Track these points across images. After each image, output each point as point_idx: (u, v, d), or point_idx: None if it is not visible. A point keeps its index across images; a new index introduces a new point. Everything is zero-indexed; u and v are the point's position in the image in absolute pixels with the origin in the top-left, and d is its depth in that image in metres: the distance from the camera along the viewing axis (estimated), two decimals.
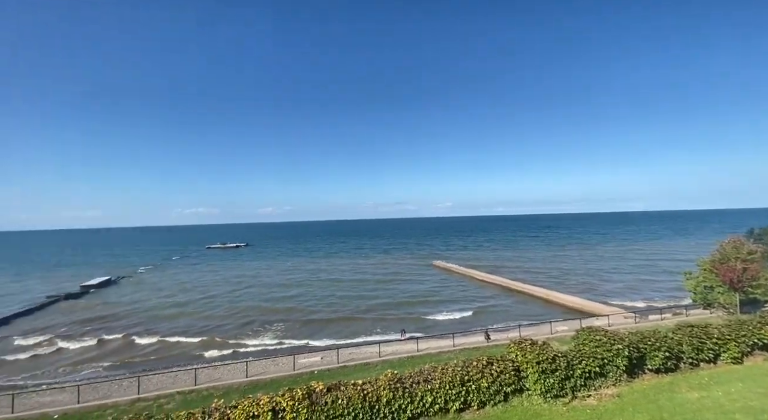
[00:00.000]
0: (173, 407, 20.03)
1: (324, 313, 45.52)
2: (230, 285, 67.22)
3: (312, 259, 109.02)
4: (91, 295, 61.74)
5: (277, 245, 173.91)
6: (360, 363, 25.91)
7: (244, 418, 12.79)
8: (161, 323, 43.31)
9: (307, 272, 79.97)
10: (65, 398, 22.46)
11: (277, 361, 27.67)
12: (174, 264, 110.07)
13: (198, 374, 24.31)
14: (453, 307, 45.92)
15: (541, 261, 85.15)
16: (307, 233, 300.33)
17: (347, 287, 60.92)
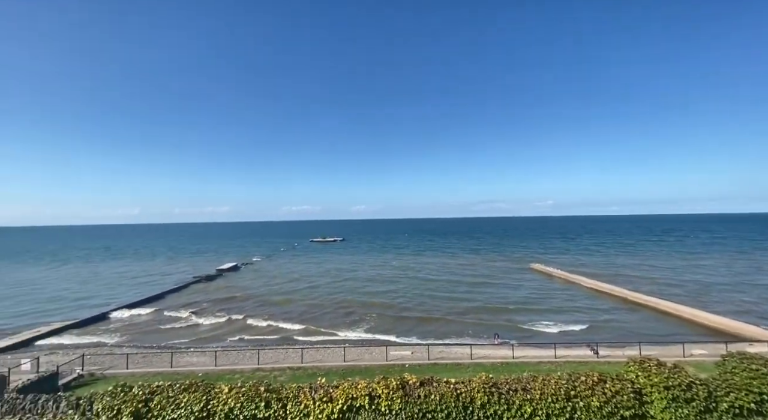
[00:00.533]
0: (285, 379, 22.81)
1: (415, 311, 45.90)
2: (330, 276, 73.23)
3: (401, 256, 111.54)
4: (222, 278, 74.44)
5: (368, 241, 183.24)
6: (451, 362, 25.59)
7: (344, 398, 13.80)
8: (273, 307, 49.68)
9: (396, 269, 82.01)
10: (205, 361, 27.53)
11: (371, 351, 29.16)
12: (284, 254, 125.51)
13: (304, 354, 27.19)
14: (556, 317, 41.43)
15: (671, 270, 71.16)
16: (396, 230, 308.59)
17: (436, 287, 60.43)
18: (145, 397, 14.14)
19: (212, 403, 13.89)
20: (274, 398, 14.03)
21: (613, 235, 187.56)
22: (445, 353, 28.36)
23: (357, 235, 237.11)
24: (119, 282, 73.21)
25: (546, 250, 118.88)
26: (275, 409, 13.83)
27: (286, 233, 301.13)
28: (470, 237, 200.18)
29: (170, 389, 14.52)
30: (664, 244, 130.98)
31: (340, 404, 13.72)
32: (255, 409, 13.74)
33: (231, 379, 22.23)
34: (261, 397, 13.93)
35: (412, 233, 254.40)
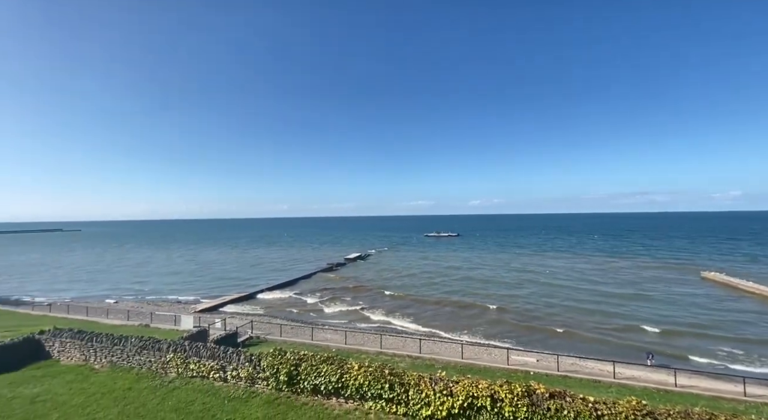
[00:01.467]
0: (405, 366, 23.97)
1: (540, 320, 41.43)
2: (445, 274, 73.19)
3: (522, 255, 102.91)
4: (348, 267, 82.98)
5: (485, 237, 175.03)
6: (586, 378, 22.50)
7: (464, 395, 13.73)
8: (390, 298, 52.69)
9: (517, 271, 75.82)
10: (337, 338, 31.20)
11: (490, 352, 28.06)
12: (401, 247, 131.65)
13: (422, 345, 28.08)
14: (747, 345, 31.66)
15: None
16: (516, 227, 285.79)
17: (567, 295, 53.32)
18: (295, 362, 17.01)
19: (345, 377, 15.73)
20: (398, 382, 14.97)
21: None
22: (579, 367, 25.10)
23: (472, 231, 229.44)
24: (274, 265, 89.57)
25: (725, 255, 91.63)
26: (398, 393, 14.75)
27: (401, 227, 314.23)
28: (612, 236, 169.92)
29: (313, 359, 17.07)
30: None
31: (460, 400, 13.70)
32: (381, 389, 14.95)
33: (358, 358, 24.58)
34: (386, 379, 15.06)
35: (537, 230, 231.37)
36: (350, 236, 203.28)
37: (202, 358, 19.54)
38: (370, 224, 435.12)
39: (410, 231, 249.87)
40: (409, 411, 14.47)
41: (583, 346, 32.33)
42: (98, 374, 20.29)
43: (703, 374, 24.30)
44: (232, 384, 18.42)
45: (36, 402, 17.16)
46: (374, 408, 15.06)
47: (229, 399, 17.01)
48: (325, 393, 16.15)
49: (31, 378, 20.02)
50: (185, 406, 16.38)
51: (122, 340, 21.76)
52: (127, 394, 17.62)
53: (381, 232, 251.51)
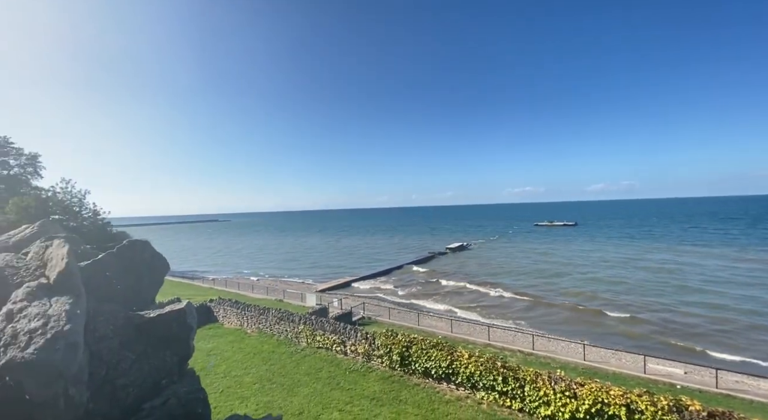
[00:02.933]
0: (516, 361, 22.90)
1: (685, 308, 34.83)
2: (557, 270, 66.30)
3: (657, 250, 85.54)
4: (451, 256, 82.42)
5: (609, 227, 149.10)
6: (759, 400, 17.88)
7: (591, 400, 12.49)
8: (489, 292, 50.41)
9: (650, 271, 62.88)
10: (442, 326, 31.54)
11: (620, 356, 24.60)
12: (506, 238, 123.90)
13: (534, 340, 26.33)
14: None
15: None
16: (651, 214, 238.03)
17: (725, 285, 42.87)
18: (406, 344, 18.01)
19: (456, 364, 15.97)
20: (512, 376, 14.50)
21: None
22: (748, 386, 20.03)
23: (594, 220, 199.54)
24: (378, 253, 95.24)
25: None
26: (513, 387, 14.30)
27: (509, 216, 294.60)
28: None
29: (423, 343, 17.78)
30: None
31: (586, 405, 12.53)
32: (493, 381, 14.72)
33: (465, 347, 24.59)
34: (498, 372, 14.75)
35: (678, 218, 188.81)
36: (452, 225, 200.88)
37: (326, 332, 22.30)
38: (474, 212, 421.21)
39: (519, 220, 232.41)
40: (526, 407, 13.92)
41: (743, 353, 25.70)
42: (250, 337, 25.12)
43: None
44: (351, 358, 20.57)
45: (210, 354, 22.27)
46: (486, 399, 14.95)
47: (350, 371, 19.08)
48: (436, 377, 16.71)
49: (206, 336, 25.99)
50: (315, 372, 19.05)
51: (265, 311, 26.38)
52: (272, 356, 21.40)
53: (486, 220, 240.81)
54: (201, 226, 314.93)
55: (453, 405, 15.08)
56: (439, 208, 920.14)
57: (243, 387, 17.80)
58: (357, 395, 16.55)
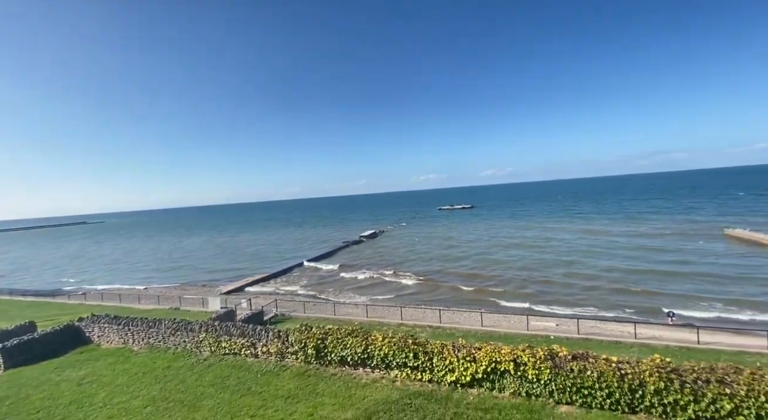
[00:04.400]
0: (426, 336, 24.48)
1: (557, 277, 42.39)
2: (460, 245, 73.57)
3: (539, 221, 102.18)
4: (364, 244, 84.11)
5: (499, 207, 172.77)
6: (607, 339, 22.71)
7: (487, 360, 14.10)
8: (406, 270, 53.46)
9: (537, 238, 75.11)
10: (358, 312, 32.10)
11: (509, 318, 28.47)
12: (415, 222, 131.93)
13: (441, 315, 28.66)
14: (761, 292, 31.56)
15: None
16: (529, 195, 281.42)
17: (584, 258, 53.53)
18: (321, 336, 17.67)
19: (370, 348, 16.30)
20: (421, 351, 15.44)
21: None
22: (599, 329, 25.28)
23: (487, 202, 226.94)
24: (292, 244, 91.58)
25: (748, 211, 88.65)
26: (423, 361, 15.25)
27: (415, 202, 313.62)
28: (630, 198, 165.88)
29: (338, 332, 17.68)
30: None
31: (484, 365, 14.09)
32: (405, 358, 15.47)
33: (380, 330, 25.41)
34: (410, 349, 15.55)
35: (550, 198, 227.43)
36: (364, 214, 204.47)
37: (233, 336, 20.49)
38: (386, 200, 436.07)
39: (425, 205, 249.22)
40: (434, 377, 15.01)
41: (602, 309, 32.65)
42: (138, 355, 21.60)
43: (727, 330, 24.21)
44: (263, 359, 19.36)
45: (83, 383, 18.47)
46: (400, 376, 15.67)
47: (262, 373, 17.94)
48: (352, 364, 16.84)
49: (76, 362, 21.48)
50: (221, 381, 17.38)
51: (156, 323, 22.94)
52: (167, 373, 18.77)
53: (394, 207, 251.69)
54: (65, 231, 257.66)
55: (369, 387, 15.43)
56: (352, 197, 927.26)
57: (130, 414, 15.23)
58: (270, 396, 15.67)
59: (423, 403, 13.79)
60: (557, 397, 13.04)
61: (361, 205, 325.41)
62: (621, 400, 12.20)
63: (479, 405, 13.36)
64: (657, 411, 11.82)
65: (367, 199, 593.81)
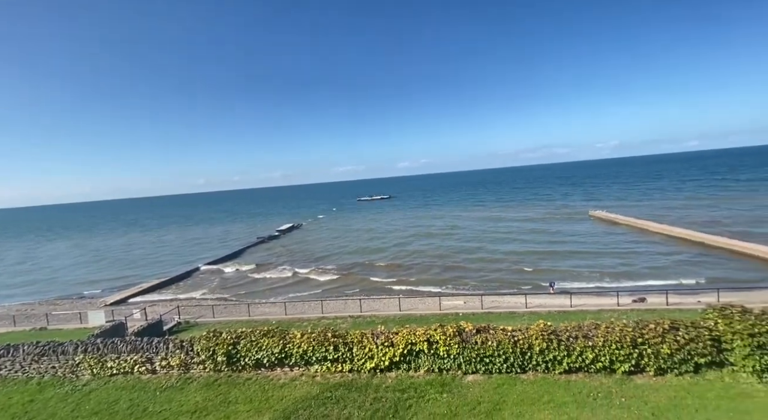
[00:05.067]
0: (347, 327, 24.80)
1: (464, 261, 46.66)
2: (379, 233, 75.62)
3: (449, 210, 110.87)
4: (282, 238, 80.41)
5: (414, 197, 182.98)
6: (505, 311, 25.85)
7: (404, 343, 14.79)
8: (328, 262, 53.02)
9: (444, 224, 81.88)
10: (276, 310, 30.71)
11: (425, 301, 30.40)
12: (335, 214, 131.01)
13: (362, 304, 29.14)
14: (619, 264, 39.59)
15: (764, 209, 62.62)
16: (442, 185, 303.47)
17: (484, 239, 60.09)
18: (233, 341, 16.35)
19: (288, 346, 15.69)
20: (341, 342, 15.44)
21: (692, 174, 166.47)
22: (498, 303, 28.67)
23: (403, 192, 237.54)
24: (195, 244, 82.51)
25: (608, 196, 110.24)
26: (343, 352, 15.28)
27: (335, 194, 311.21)
28: (521, 187, 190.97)
29: (252, 335, 16.57)
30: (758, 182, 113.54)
31: (401, 349, 14.75)
32: (325, 351, 15.30)
33: (300, 326, 24.69)
34: (330, 342, 15.40)
35: (462, 187, 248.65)
36: (280, 207, 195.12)
37: (122, 353, 17.67)
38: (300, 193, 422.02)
39: (345, 196, 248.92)
40: (355, 366, 15.18)
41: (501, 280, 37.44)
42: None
43: (591, 294, 29.75)
44: (163, 374, 17.15)
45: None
46: (320, 370, 15.45)
47: (162, 389, 15.90)
48: (269, 365, 16.01)
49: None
50: (108, 407, 14.89)
51: (11, 349, 18.44)
52: (30, 408, 15.32)
53: (313, 199, 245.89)
54: None
55: (287, 387, 14.89)
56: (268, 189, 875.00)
57: None
58: (173, 414, 13.98)
59: (343, 394, 13.86)
60: (465, 369, 14.38)
61: (277, 198, 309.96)
62: (514, 363, 14.03)
63: (397, 386, 13.98)
64: (541, 367, 13.92)
65: (283, 191, 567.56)
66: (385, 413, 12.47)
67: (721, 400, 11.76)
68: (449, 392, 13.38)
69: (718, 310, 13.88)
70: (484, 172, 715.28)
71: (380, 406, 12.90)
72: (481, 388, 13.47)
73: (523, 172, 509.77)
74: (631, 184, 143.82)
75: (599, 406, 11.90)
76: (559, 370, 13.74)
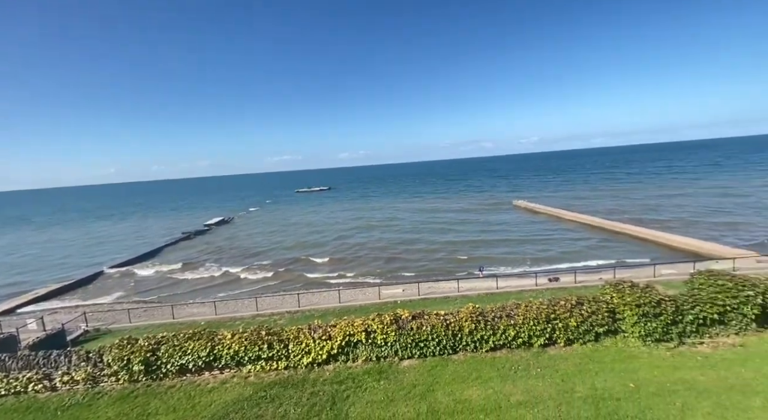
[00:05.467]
0: (284, 323, 24.04)
1: (403, 252, 48.00)
2: (318, 226, 74.20)
3: (388, 202, 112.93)
4: (211, 233, 74.65)
5: (354, 189, 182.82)
6: (440, 296, 27.22)
7: (342, 335, 14.75)
8: (263, 257, 50.71)
9: (384, 215, 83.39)
10: (205, 311, 28.58)
11: (364, 291, 30.67)
12: (270, 206, 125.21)
13: (300, 298, 28.41)
14: (537, 249, 44.03)
15: (653, 199, 74.25)
16: (382, 176, 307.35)
17: (421, 229, 62.55)
18: (152, 347, 14.80)
19: (217, 349, 14.67)
20: (276, 340, 14.88)
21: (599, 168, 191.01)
22: (434, 289, 30.06)
23: (343, 184, 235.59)
24: (107, 242, 72.79)
25: (530, 187, 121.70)
26: (278, 350, 14.74)
27: (270, 185, 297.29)
28: (455, 179, 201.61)
29: (175, 339, 15.18)
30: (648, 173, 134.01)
31: (338, 341, 14.69)
32: (259, 350, 14.61)
33: (232, 326, 23.31)
34: (263, 340, 14.75)
35: (400, 178, 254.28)
36: (212, 198, 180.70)
37: (12, 371, 15.02)
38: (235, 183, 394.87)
39: (281, 188, 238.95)
40: (291, 363, 14.76)
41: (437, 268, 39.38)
42: None
43: (514, 276, 32.68)
44: (66, 391, 14.94)
45: None
46: (253, 370, 14.73)
47: (64, 408, 13.85)
48: (195, 370, 14.83)
49: None
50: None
51: None
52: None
53: (247, 191, 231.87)
54: None
55: (217, 391, 13.94)
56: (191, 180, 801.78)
57: None
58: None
59: (279, 392, 13.40)
60: (401, 354, 14.84)
61: (204, 190, 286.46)
62: (447, 345, 14.86)
63: (335, 379, 13.93)
64: (470, 347, 14.95)
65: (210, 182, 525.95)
66: (322, 406, 12.36)
67: (615, 362, 13.79)
68: (386, 379, 13.71)
69: (613, 285, 16.17)
70: (423, 165, 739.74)
71: (317, 400, 12.74)
72: (416, 372, 14.03)
73: (457, 164, 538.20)
74: (549, 177, 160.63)
75: (519, 378, 13.16)
76: (485, 348, 14.88)
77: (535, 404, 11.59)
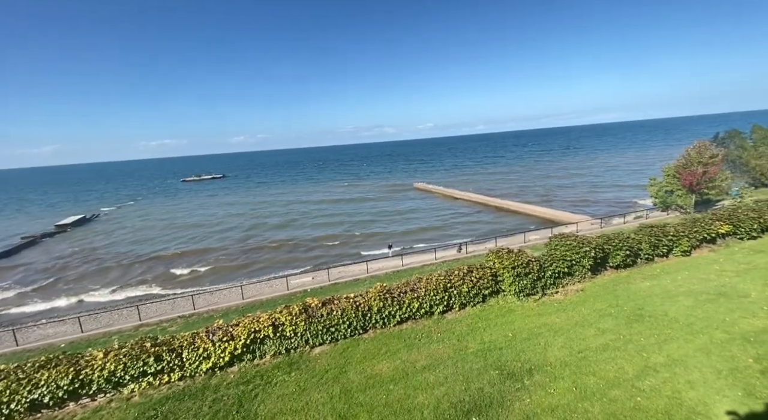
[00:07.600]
0: (176, 329, 21.24)
1: (308, 238, 47.04)
2: (210, 221, 66.84)
3: (291, 188, 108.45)
4: (65, 235, 60.40)
5: (253, 176, 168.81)
6: (350, 280, 27.60)
7: (246, 333, 13.75)
8: (141, 262, 43.73)
9: (286, 203, 79.61)
10: (68, 329, 23.33)
11: (271, 284, 29.09)
12: (149, 198, 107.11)
13: (195, 300, 25.41)
14: (432, 222, 48.13)
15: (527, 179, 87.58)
16: (282, 162, 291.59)
17: (325, 214, 62.17)
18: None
19: (84, 373, 12.15)
20: (166, 350, 13.07)
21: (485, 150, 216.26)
22: (344, 272, 30.32)
23: (240, 171, 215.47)
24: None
25: (428, 169, 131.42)
26: (169, 361, 12.98)
27: (148, 173, 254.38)
28: (361, 163, 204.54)
29: (19, 371, 12.02)
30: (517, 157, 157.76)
31: (243, 340, 13.67)
32: (144, 365, 12.63)
33: (107, 343, 19.63)
34: (149, 353, 12.78)
35: (302, 164, 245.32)
36: (65, 191, 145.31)
37: None
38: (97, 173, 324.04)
39: (163, 176, 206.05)
40: (186, 372, 13.19)
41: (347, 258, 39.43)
42: None
43: (417, 253, 35.14)
44: None
45: None
46: (138, 389, 12.70)
47: None
48: (54, 404, 12.04)
49: None
50: None
51: None
52: None
53: (114, 182, 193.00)
54: None
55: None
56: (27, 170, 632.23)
57: None
58: None
59: (173, 407, 11.87)
60: (312, 343, 14.67)
61: (51, 181, 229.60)
62: (357, 326, 15.25)
63: (240, 380, 13.00)
64: (379, 324, 15.65)
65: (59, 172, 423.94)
66: (228, 411, 11.45)
67: (498, 318, 16.15)
68: (297, 369, 13.40)
69: (495, 252, 18.74)
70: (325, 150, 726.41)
71: (221, 406, 11.74)
72: (329, 357, 14.08)
73: (360, 149, 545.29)
74: (443, 160, 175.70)
75: (423, 345, 14.37)
76: (393, 322, 15.76)
77: (436, 366, 12.85)
